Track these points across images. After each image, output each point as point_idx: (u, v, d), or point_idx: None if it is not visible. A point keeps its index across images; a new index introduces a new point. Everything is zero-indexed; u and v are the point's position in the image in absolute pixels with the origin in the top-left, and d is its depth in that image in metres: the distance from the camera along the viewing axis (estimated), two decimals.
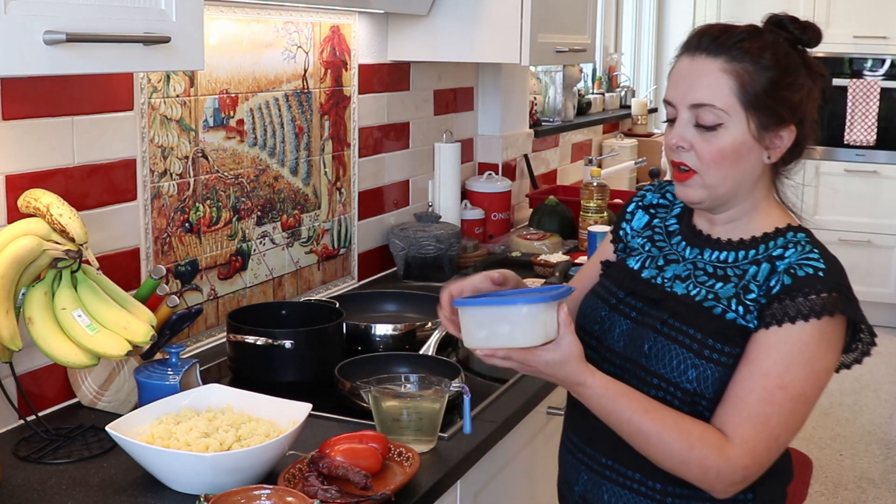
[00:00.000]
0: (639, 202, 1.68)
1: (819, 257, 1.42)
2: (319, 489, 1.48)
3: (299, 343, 1.98)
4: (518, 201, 3.75)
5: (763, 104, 1.43)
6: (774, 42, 1.46)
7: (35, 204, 1.64)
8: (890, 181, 5.84)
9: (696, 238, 1.56)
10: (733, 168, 1.45)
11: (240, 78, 2.28)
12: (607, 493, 1.53)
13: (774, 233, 1.49)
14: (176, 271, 2.15)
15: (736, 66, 1.43)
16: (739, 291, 1.44)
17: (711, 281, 1.48)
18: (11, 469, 1.61)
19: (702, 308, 1.46)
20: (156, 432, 1.56)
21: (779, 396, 1.37)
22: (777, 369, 1.38)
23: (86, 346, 1.61)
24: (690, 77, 1.46)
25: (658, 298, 1.51)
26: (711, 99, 1.43)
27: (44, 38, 1.31)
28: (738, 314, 1.43)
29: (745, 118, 1.43)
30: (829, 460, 4.18)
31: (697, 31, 1.50)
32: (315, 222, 2.61)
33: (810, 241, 1.46)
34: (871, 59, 5.83)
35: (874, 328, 1.47)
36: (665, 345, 1.46)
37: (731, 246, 1.51)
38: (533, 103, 4.05)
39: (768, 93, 1.42)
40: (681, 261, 1.55)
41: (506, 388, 2.02)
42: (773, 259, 1.44)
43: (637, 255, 1.61)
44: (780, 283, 1.40)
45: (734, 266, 1.48)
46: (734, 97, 1.42)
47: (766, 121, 1.43)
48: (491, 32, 2.75)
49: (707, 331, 1.44)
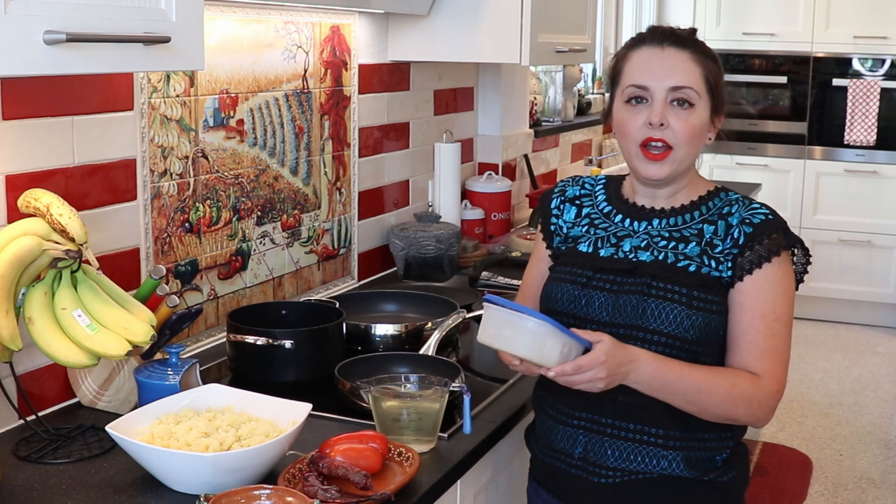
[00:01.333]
0: (560, 197, 1.84)
1: (760, 206, 1.67)
2: (319, 489, 1.48)
3: (299, 343, 1.98)
4: (518, 201, 3.75)
5: (716, 92, 1.69)
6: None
7: (35, 204, 1.64)
8: (890, 181, 5.84)
9: (638, 212, 1.74)
10: (696, 145, 1.68)
11: (240, 78, 2.28)
12: (611, 449, 1.66)
13: (708, 195, 1.72)
14: (176, 271, 2.15)
15: (700, 58, 1.67)
16: (706, 248, 1.66)
17: (672, 244, 1.68)
18: (11, 469, 1.61)
19: (676, 268, 1.65)
20: (156, 432, 1.56)
21: (778, 327, 1.63)
22: (770, 306, 1.63)
23: (86, 346, 1.61)
24: (667, 64, 1.66)
25: (629, 269, 1.67)
26: (689, 82, 1.65)
27: (44, 38, 1.32)
28: (710, 268, 1.64)
29: (708, 102, 1.68)
30: (829, 460, 4.18)
31: (654, 28, 1.72)
32: (315, 222, 2.61)
33: (742, 196, 1.71)
34: (871, 59, 5.83)
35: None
36: (658, 304, 1.63)
37: (676, 212, 1.72)
38: (533, 103, 4.05)
39: (718, 84, 1.69)
40: (633, 234, 1.72)
41: (506, 388, 2.02)
42: (724, 216, 1.67)
43: (584, 240, 1.76)
44: (742, 233, 1.64)
45: (687, 227, 1.69)
46: (703, 83, 1.66)
47: (715, 106, 1.69)
48: (491, 32, 2.75)
49: (691, 285, 1.63)
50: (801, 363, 5.35)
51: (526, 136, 3.81)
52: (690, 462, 1.66)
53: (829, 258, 5.97)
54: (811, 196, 5.99)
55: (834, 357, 5.46)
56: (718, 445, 1.68)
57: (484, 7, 2.74)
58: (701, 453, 1.67)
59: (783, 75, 6.04)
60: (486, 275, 2.86)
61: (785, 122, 6.07)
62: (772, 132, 6.09)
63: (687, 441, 1.66)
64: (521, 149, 3.76)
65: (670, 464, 1.65)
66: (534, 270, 1.87)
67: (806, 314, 6.04)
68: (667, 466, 1.65)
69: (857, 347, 5.61)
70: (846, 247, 5.94)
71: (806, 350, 5.57)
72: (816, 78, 5.96)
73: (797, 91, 6.03)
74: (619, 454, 1.66)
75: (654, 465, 1.65)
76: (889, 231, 5.85)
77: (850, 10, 5.81)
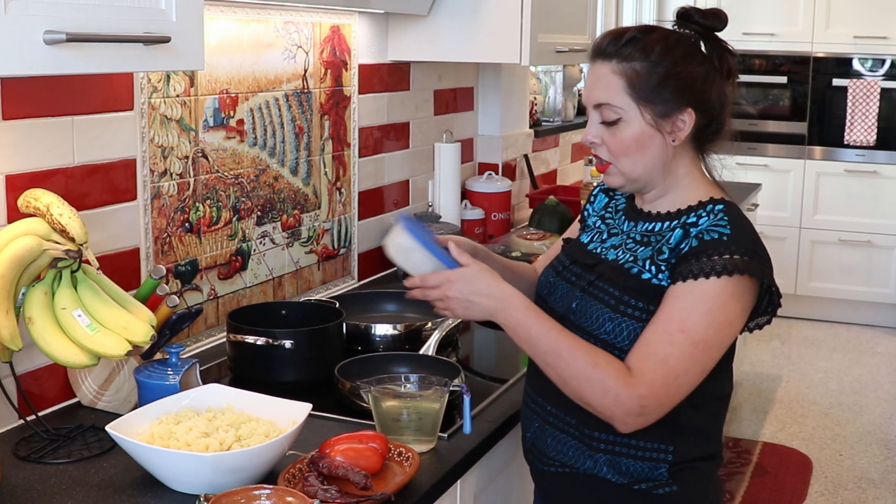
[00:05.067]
0: (602, 185, 1.83)
1: (727, 224, 1.56)
2: (319, 489, 1.48)
3: (299, 343, 1.98)
4: (518, 201, 3.75)
5: (654, 96, 1.58)
6: (666, 36, 1.61)
7: (35, 204, 1.64)
8: (890, 181, 5.84)
9: (633, 213, 1.71)
10: (640, 155, 1.61)
11: (240, 78, 2.28)
12: (550, 438, 1.67)
13: (697, 205, 1.62)
14: (176, 271, 2.15)
15: (625, 67, 1.59)
16: (654, 253, 1.60)
17: (637, 247, 1.64)
18: (11, 469, 1.61)
19: (622, 269, 1.61)
20: (156, 432, 1.56)
21: (679, 339, 1.50)
22: (680, 315, 1.51)
23: (86, 345, 1.61)
24: (591, 81, 1.64)
25: (592, 264, 1.67)
26: (607, 98, 1.60)
27: (44, 38, 1.32)
28: (651, 273, 1.58)
29: (639, 111, 1.59)
30: (829, 460, 4.18)
31: (597, 38, 1.66)
32: (315, 222, 2.61)
33: (724, 211, 1.58)
34: (871, 59, 5.83)
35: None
36: (589, 302, 1.61)
37: (659, 217, 1.65)
38: (533, 103, 4.05)
39: (658, 85, 1.58)
40: (619, 233, 1.71)
41: (506, 388, 2.02)
42: (687, 226, 1.59)
43: (589, 231, 1.78)
44: (689, 245, 1.55)
45: (657, 234, 1.63)
46: (626, 94, 1.59)
47: (660, 109, 1.59)
48: (491, 32, 2.75)
49: (624, 288, 1.59)
50: (801, 363, 5.35)
51: (526, 136, 3.81)
52: (616, 467, 1.60)
53: (829, 258, 5.97)
54: (811, 196, 5.99)
55: (834, 357, 5.46)
56: (654, 456, 1.59)
57: (484, 7, 2.74)
58: (630, 461, 1.59)
59: (783, 75, 6.04)
60: None
61: (785, 122, 6.07)
62: (772, 132, 6.09)
63: (615, 445, 1.60)
64: (521, 149, 3.76)
65: (596, 463, 1.61)
66: (555, 249, 1.89)
67: (806, 314, 6.05)
68: (592, 466, 1.62)
69: (857, 347, 5.61)
70: (846, 247, 5.93)
71: (806, 350, 5.57)
72: (816, 78, 5.96)
73: (797, 91, 6.03)
74: (556, 445, 1.66)
75: (582, 462, 1.63)
76: (889, 231, 5.85)
77: (850, 10, 5.81)
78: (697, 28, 1.64)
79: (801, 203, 6.02)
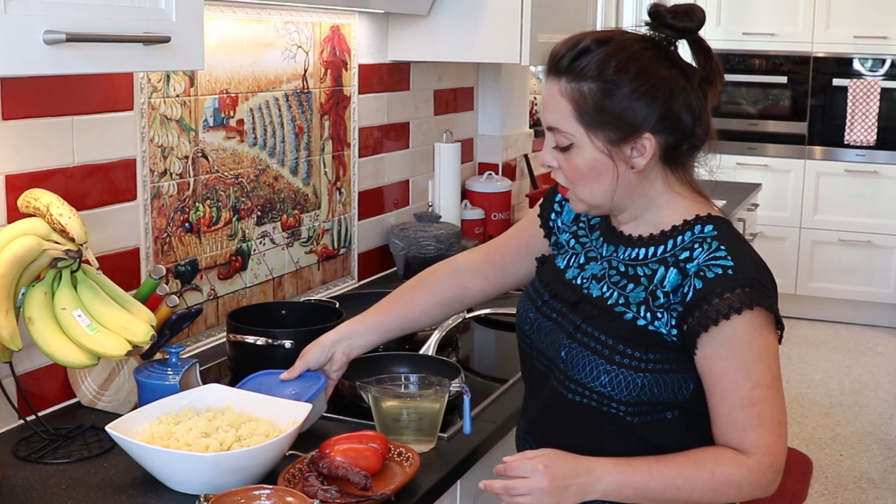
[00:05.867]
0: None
1: (726, 254, 1.41)
2: (319, 489, 1.48)
3: (299, 343, 1.97)
4: (518, 201, 3.75)
5: (602, 121, 1.41)
6: (624, 49, 1.43)
7: (35, 204, 1.64)
8: (890, 181, 5.84)
9: (612, 234, 1.55)
10: (597, 183, 1.45)
11: (240, 78, 2.28)
12: None
13: (683, 226, 1.47)
14: (176, 271, 2.15)
15: (572, 87, 1.42)
16: (648, 297, 1.45)
17: (623, 282, 1.49)
18: (11, 469, 1.61)
19: (613, 312, 1.47)
20: (156, 432, 1.56)
21: (757, 395, 1.41)
22: (741, 375, 1.40)
23: (86, 346, 1.61)
24: (543, 99, 1.47)
25: (575, 301, 1.52)
26: (556, 122, 1.45)
27: (44, 38, 1.32)
28: (647, 320, 1.44)
29: (588, 138, 1.43)
30: (829, 460, 4.18)
31: (554, 45, 1.48)
32: (315, 222, 2.61)
33: (717, 237, 1.44)
34: (871, 59, 5.83)
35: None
36: (578, 351, 1.48)
37: (642, 242, 1.50)
38: (533, 103, 4.05)
39: (606, 110, 1.41)
40: (599, 259, 1.55)
41: (506, 388, 2.02)
42: (679, 262, 1.44)
43: (564, 252, 1.62)
44: (692, 287, 1.41)
45: (644, 264, 1.48)
46: (573, 119, 1.43)
47: (612, 136, 1.42)
48: (491, 32, 2.75)
49: (618, 336, 1.45)
50: (801, 363, 5.35)
51: (526, 136, 3.81)
52: None
53: (829, 258, 5.97)
54: (811, 196, 5.99)
55: (834, 357, 5.46)
56: None
57: (484, 7, 2.74)
58: None
59: (783, 75, 6.04)
60: None
61: (785, 122, 6.07)
62: (772, 132, 6.09)
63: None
64: (521, 149, 3.76)
65: None
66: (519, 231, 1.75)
67: (806, 314, 6.05)
68: None
69: (857, 347, 5.61)
70: (846, 247, 5.93)
71: (806, 350, 5.57)
72: (816, 78, 5.96)
73: (797, 91, 6.03)
74: None
75: None
76: (889, 231, 5.85)
77: (850, 10, 5.81)
78: (668, 31, 1.46)
79: (801, 203, 6.02)
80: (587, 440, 1.50)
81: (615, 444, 1.49)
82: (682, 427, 1.48)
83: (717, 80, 1.48)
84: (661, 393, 1.45)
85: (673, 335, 1.43)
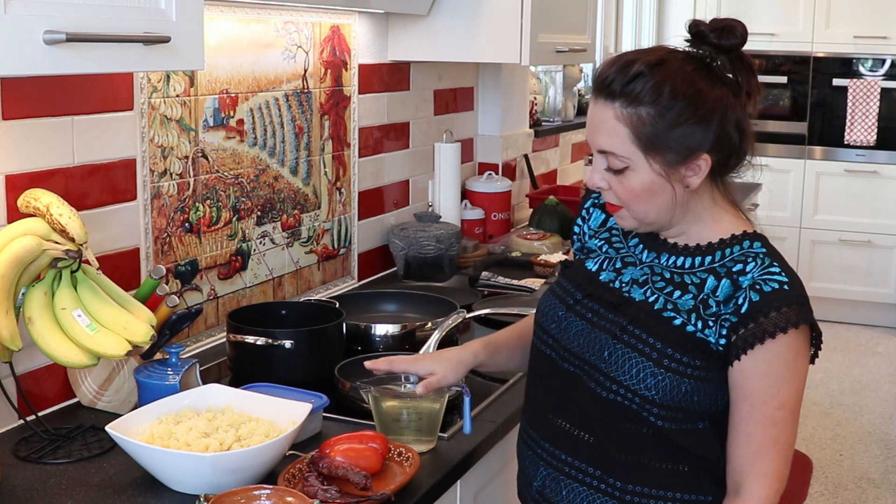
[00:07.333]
0: (596, 200, 1.67)
1: (780, 271, 1.43)
2: (319, 489, 1.48)
3: (299, 343, 1.98)
4: (518, 201, 3.75)
5: (662, 145, 1.42)
6: (676, 71, 1.43)
7: (35, 204, 1.64)
8: (890, 181, 5.84)
9: (653, 241, 1.56)
10: (652, 203, 1.47)
11: (240, 78, 2.28)
12: (566, 489, 1.55)
13: (731, 240, 1.49)
14: (176, 271, 2.15)
15: (630, 112, 1.42)
16: (699, 305, 1.46)
17: (669, 288, 1.49)
18: (11, 469, 1.61)
19: (661, 317, 1.47)
20: (156, 432, 1.56)
21: (780, 416, 1.43)
22: (772, 393, 1.43)
23: (85, 346, 1.61)
24: (594, 122, 1.47)
25: (616, 303, 1.52)
26: (611, 146, 1.44)
27: (44, 38, 1.31)
28: (696, 328, 1.45)
29: (646, 161, 1.43)
30: (829, 460, 4.18)
31: (599, 70, 1.48)
32: (315, 222, 2.61)
33: (768, 254, 1.47)
34: (871, 59, 5.83)
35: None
36: (624, 352, 1.47)
37: (688, 251, 1.51)
38: (533, 103, 4.05)
39: (665, 134, 1.42)
40: (638, 264, 1.55)
41: (506, 388, 2.02)
42: (732, 274, 1.45)
43: (595, 256, 1.61)
44: (748, 299, 1.42)
45: (690, 273, 1.49)
46: (631, 143, 1.43)
47: (671, 158, 1.43)
48: (491, 32, 2.75)
49: (667, 341, 1.45)
50: None
51: (526, 136, 3.81)
52: None
53: (829, 258, 5.97)
54: (811, 196, 5.99)
55: (834, 357, 5.46)
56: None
57: (484, 7, 2.74)
58: None
59: (783, 75, 6.04)
60: (486, 275, 2.86)
61: (785, 122, 6.07)
62: (772, 132, 6.09)
63: (649, 498, 1.49)
64: (521, 149, 3.76)
65: None
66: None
67: None
68: None
69: (857, 347, 5.61)
70: (846, 247, 5.93)
71: None
72: (816, 78, 5.96)
73: (797, 91, 6.03)
74: (574, 498, 1.54)
75: None
76: (889, 231, 5.85)
77: (850, 10, 5.81)
78: (712, 49, 1.47)
79: (801, 203, 6.02)
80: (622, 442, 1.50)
81: (652, 450, 1.49)
82: (713, 437, 1.49)
83: (757, 93, 1.49)
84: (700, 401, 1.46)
85: (720, 344, 1.44)
